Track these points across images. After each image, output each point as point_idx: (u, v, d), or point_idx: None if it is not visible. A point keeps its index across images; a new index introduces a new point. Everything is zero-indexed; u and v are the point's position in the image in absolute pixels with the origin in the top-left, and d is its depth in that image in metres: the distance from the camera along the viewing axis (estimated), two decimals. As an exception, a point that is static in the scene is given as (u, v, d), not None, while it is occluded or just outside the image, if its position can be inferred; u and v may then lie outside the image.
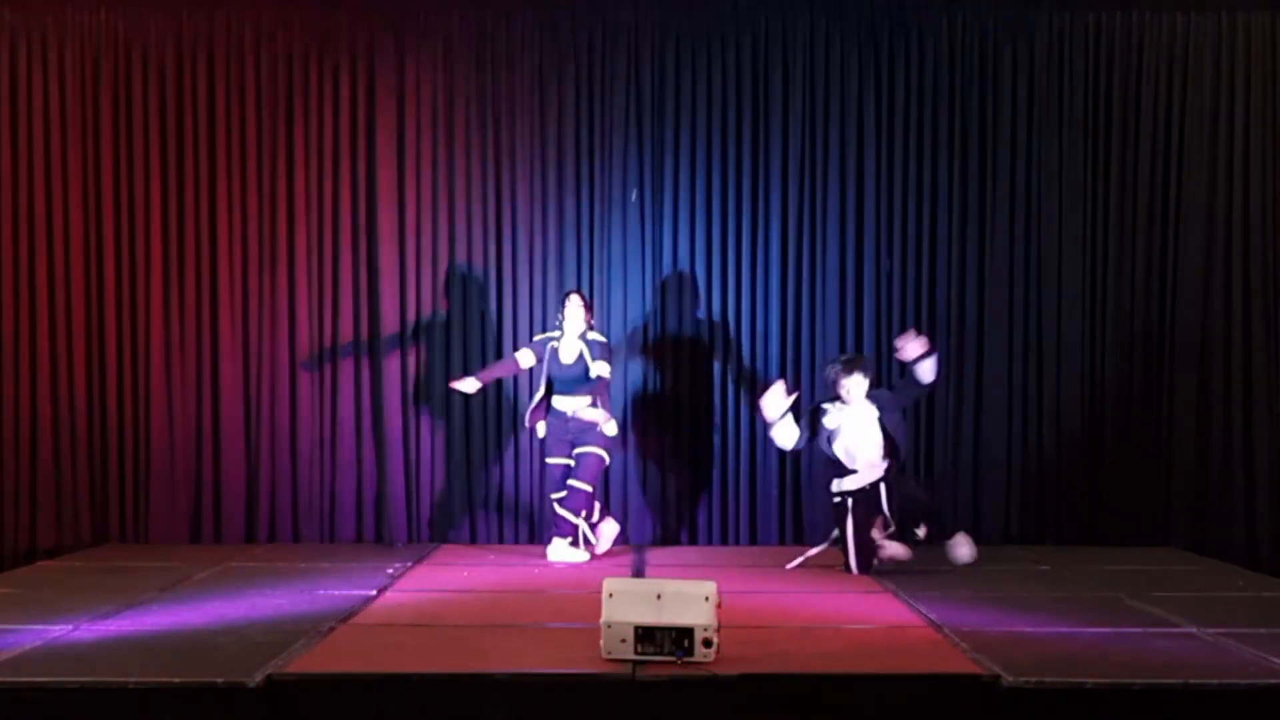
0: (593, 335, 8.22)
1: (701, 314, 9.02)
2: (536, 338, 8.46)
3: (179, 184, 8.88)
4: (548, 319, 8.93)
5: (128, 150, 8.89)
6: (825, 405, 7.78)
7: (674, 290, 8.97)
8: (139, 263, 8.88)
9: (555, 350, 8.18)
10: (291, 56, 8.92)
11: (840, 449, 7.68)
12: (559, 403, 8.15)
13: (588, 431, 8.07)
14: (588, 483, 8.08)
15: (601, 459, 8.15)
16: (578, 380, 8.09)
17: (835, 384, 7.72)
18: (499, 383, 8.88)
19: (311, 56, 8.91)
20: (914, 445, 8.94)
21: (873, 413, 7.67)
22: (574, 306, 8.15)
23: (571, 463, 8.12)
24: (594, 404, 8.06)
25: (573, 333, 8.15)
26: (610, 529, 8.33)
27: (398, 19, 8.92)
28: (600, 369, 8.03)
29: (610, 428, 8.12)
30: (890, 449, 7.64)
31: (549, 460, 8.21)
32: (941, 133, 8.98)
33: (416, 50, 8.92)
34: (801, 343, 9.01)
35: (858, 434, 7.66)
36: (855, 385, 7.66)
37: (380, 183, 8.92)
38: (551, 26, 8.96)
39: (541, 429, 8.25)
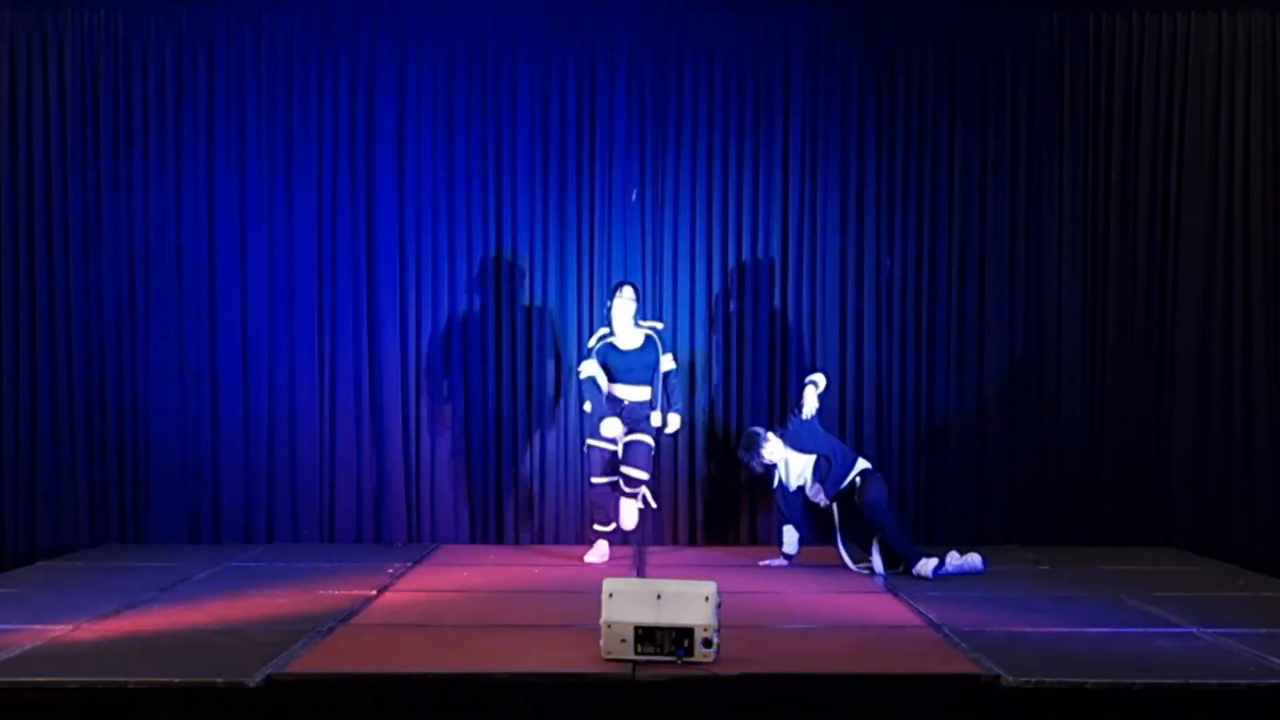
0: (650, 324, 8.28)
1: (701, 314, 9.02)
2: (589, 344, 8.30)
3: (177, 184, 8.88)
4: (547, 318, 8.94)
5: (127, 150, 8.88)
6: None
7: (674, 290, 8.96)
8: (138, 262, 8.88)
9: (611, 345, 8.16)
10: (291, 56, 8.92)
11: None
12: (618, 390, 8.13)
13: (641, 419, 8.09)
14: (644, 470, 8.05)
15: (651, 446, 8.14)
16: (639, 368, 8.13)
17: (765, 464, 7.83)
18: (498, 383, 8.92)
19: (311, 56, 8.92)
20: (911, 445, 8.99)
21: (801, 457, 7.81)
22: (626, 300, 8.13)
23: (617, 449, 8.06)
24: (654, 404, 8.12)
25: (627, 323, 8.14)
26: (603, 548, 8.22)
27: (398, 18, 8.92)
28: (669, 363, 8.20)
29: (675, 422, 8.20)
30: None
31: (592, 442, 8.16)
32: (942, 133, 8.97)
33: (416, 49, 8.92)
34: (802, 342, 9.00)
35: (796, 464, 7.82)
36: (770, 455, 7.76)
37: (380, 182, 8.93)
38: (552, 26, 8.97)
39: (589, 406, 8.22)
